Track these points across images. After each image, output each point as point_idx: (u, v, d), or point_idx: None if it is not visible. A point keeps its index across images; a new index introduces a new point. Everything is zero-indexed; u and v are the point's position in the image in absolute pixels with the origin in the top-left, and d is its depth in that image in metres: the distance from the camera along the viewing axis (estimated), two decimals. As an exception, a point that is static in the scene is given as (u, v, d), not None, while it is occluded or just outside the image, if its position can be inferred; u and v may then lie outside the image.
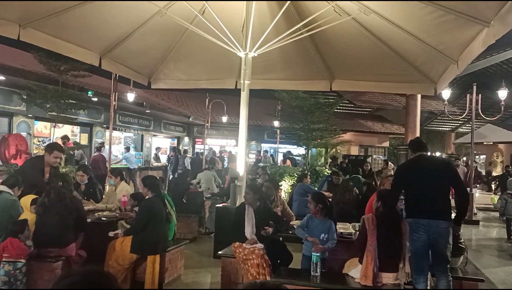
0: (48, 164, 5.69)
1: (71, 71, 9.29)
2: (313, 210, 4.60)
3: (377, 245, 3.95)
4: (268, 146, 24.44)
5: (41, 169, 5.65)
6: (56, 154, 5.68)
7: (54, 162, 5.73)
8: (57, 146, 5.96)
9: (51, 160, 5.65)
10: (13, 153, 8.86)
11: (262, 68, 6.52)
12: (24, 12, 4.79)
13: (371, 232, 4.01)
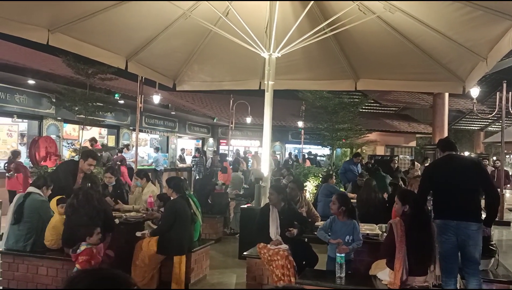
0: (82, 170, 5.76)
1: (98, 74, 9.49)
2: (336, 211, 4.54)
3: (407, 249, 3.83)
4: (292, 147, 24.38)
5: (74, 173, 5.74)
6: (90, 162, 5.75)
7: (88, 169, 5.78)
8: (92, 154, 6.03)
9: (85, 167, 5.72)
10: (43, 155, 9.10)
11: (285, 69, 6.51)
12: (52, 18, 4.92)
13: (399, 239, 3.86)
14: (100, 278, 1.17)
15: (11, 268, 4.91)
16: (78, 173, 5.75)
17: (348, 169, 10.68)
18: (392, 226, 3.98)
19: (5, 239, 5.06)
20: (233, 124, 17.49)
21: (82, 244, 4.43)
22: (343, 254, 4.09)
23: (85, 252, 4.42)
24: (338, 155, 18.01)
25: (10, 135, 12.07)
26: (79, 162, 5.90)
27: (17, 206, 4.99)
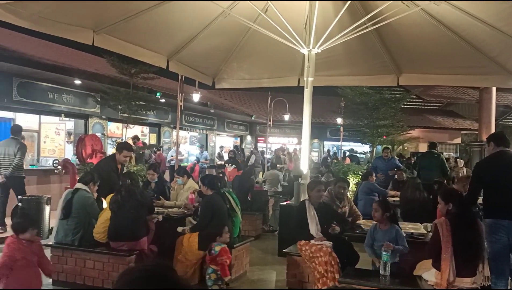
0: (119, 162, 6.08)
1: (141, 74, 9.73)
2: (380, 218, 4.38)
3: (453, 250, 3.69)
4: (330, 144, 24.10)
5: (115, 167, 6.04)
6: (126, 153, 6.06)
7: (124, 160, 6.13)
8: (127, 146, 6.34)
9: (121, 159, 6.05)
10: (89, 152, 9.44)
11: (325, 65, 6.42)
12: (97, 19, 5.08)
13: (445, 239, 3.72)
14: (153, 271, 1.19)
15: (60, 261, 5.12)
16: (117, 165, 6.05)
17: (377, 166, 10.37)
18: (437, 226, 3.85)
19: (55, 233, 5.29)
20: (271, 121, 17.47)
21: (215, 244, 4.42)
22: (389, 252, 3.98)
23: (222, 252, 4.49)
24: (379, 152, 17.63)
25: (58, 133, 12.61)
26: (114, 156, 6.16)
27: (65, 202, 5.20)
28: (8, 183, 7.41)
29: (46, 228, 7.10)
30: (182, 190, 6.89)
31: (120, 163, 6.10)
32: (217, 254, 4.50)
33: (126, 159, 6.17)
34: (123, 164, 6.27)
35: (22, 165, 7.75)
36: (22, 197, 7.15)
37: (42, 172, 10.30)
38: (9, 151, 7.41)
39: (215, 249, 4.49)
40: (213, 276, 4.53)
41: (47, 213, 7.12)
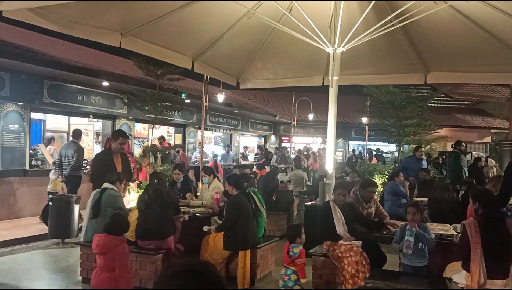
0: (116, 151, 6.05)
1: (166, 75, 9.86)
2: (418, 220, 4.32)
3: (483, 251, 3.60)
4: (355, 144, 23.84)
5: (110, 158, 6.03)
6: (121, 141, 6.05)
7: (120, 148, 6.07)
8: (122, 133, 6.34)
9: (117, 147, 6.02)
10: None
11: (350, 63, 6.35)
12: (124, 21, 5.17)
13: (474, 240, 3.65)
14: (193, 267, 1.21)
15: (89, 259, 5.24)
16: (114, 157, 6.00)
17: (408, 166, 10.12)
18: (466, 226, 3.77)
19: (84, 232, 5.42)
20: (295, 121, 17.41)
21: (293, 246, 4.37)
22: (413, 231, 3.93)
23: (301, 254, 4.49)
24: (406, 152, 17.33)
25: (86, 134, 12.90)
26: (109, 149, 6.15)
27: (94, 201, 5.33)
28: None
29: (76, 227, 7.28)
30: (207, 190, 6.95)
31: (117, 153, 6.02)
32: (297, 256, 4.44)
33: (122, 147, 6.07)
34: (124, 154, 6.21)
35: (80, 166, 8.35)
36: (52, 197, 7.35)
37: (71, 172, 10.56)
38: (68, 153, 8.15)
39: (293, 251, 4.44)
40: (293, 277, 4.51)
41: (76, 212, 7.29)
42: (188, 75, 11.98)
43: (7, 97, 8.94)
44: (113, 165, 5.92)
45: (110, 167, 5.86)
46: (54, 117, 11.76)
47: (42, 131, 11.46)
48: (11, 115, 9.12)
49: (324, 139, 22.98)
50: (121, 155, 6.19)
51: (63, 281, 5.48)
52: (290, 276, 4.46)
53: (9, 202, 9.07)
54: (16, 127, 9.23)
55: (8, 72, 8.85)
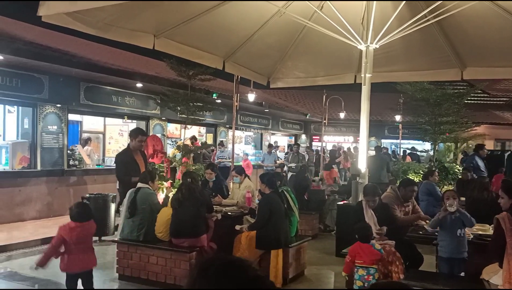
0: (134, 148, 6.08)
1: (198, 76, 9.98)
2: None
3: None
4: (388, 142, 23.40)
5: (130, 156, 6.08)
6: (140, 138, 6.08)
7: (140, 146, 6.10)
8: (141, 131, 6.35)
9: (136, 144, 6.04)
10: (151, 152, 9.80)
11: (383, 60, 6.24)
12: (157, 23, 5.27)
13: (509, 233, 3.56)
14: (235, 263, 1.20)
15: (125, 256, 5.37)
16: (134, 154, 6.04)
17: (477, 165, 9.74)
18: (499, 220, 3.68)
19: (120, 230, 5.55)
20: (326, 120, 17.24)
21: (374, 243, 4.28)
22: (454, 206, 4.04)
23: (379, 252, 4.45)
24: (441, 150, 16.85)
25: (121, 134, 13.23)
26: (128, 147, 6.18)
27: (130, 201, 5.45)
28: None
29: (112, 225, 7.47)
30: (238, 189, 6.99)
31: (136, 150, 6.07)
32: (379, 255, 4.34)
33: (141, 144, 6.09)
34: (143, 153, 6.27)
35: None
36: (89, 195, 7.57)
37: (107, 171, 10.86)
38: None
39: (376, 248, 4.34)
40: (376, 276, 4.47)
41: (112, 211, 7.49)
42: (219, 75, 12.07)
43: (46, 99, 9.27)
44: (134, 163, 6.00)
45: (132, 164, 5.96)
46: (90, 118, 12.11)
47: (79, 132, 11.82)
48: (50, 116, 9.45)
49: (356, 137, 22.71)
50: (141, 152, 6.24)
51: (100, 277, 5.62)
52: (374, 275, 4.36)
53: (49, 201, 9.41)
54: (55, 128, 9.56)
55: (47, 75, 9.19)
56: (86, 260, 4.30)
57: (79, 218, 4.27)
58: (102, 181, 10.54)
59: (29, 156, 9.21)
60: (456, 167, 13.17)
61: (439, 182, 10.71)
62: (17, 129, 9.55)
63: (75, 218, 4.27)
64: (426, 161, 17.22)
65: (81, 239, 4.23)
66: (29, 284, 5.24)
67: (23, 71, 8.71)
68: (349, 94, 17.22)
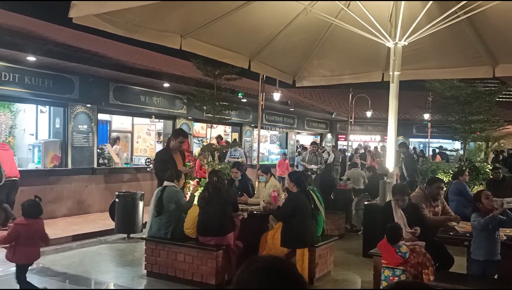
0: (174, 148, 6.24)
1: (224, 75, 10.05)
2: (488, 202, 4.11)
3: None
4: (416, 141, 22.96)
5: (170, 155, 6.21)
6: (181, 139, 6.25)
7: (179, 146, 6.27)
8: (182, 132, 6.53)
9: (176, 145, 6.21)
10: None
11: (411, 58, 6.12)
12: (184, 24, 5.33)
13: None
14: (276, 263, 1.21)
15: (153, 253, 5.46)
16: (173, 154, 6.18)
17: None
18: None
19: (148, 227, 5.65)
20: (353, 118, 17.04)
21: (401, 245, 4.24)
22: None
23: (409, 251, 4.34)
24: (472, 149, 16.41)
25: (148, 133, 13.44)
26: (168, 146, 6.32)
27: (156, 200, 5.54)
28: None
29: (140, 222, 7.61)
30: (264, 188, 6.99)
31: (175, 150, 6.23)
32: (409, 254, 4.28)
33: (181, 145, 6.26)
34: (182, 153, 6.41)
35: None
36: (119, 193, 7.72)
37: (135, 170, 11.07)
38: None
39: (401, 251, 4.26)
40: (403, 277, 4.44)
41: (140, 208, 7.62)
42: (244, 75, 12.12)
43: (77, 99, 9.51)
44: (173, 162, 6.13)
45: (171, 163, 6.08)
46: (118, 118, 12.35)
47: (108, 131, 12.07)
48: (80, 116, 9.69)
49: (383, 136, 22.37)
50: (180, 152, 6.41)
51: (129, 274, 5.74)
52: (400, 276, 4.31)
53: (79, 198, 9.66)
54: (85, 128, 9.80)
55: (77, 76, 9.42)
56: (32, 254, 4.53)
57: (30, 215, 4.48)
58: (130, 180, 10.75)
59: (60, 155, 9.46)
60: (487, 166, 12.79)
61: (469, 182, 10.43)
62: (49, 129, 9.83)
63: (27, 215, 4.48)
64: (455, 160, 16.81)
65: (30, 235, 4.44)
66: (60, 279, 5.39)
67: (54, 72, 8.96)
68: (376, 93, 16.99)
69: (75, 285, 5.29)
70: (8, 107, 9.74)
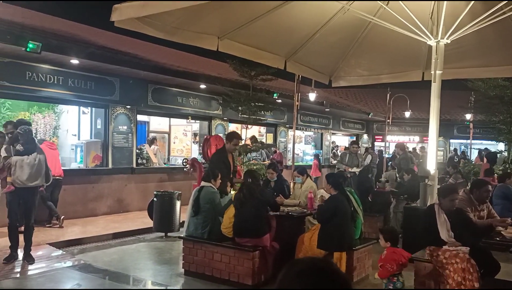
0: (229, 151, 6.53)
1: (260, 76, 10.06)
2: None
3: None
4: (457, 142, 22.21)
5: (225, 158, 6.46)
6: (235, 142, 6.53)
7: (233, 149, 6.63)
8: (236, 135, 6.76)
9: (231, 147, 6.50)
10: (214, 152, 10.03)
11: (453, 56, 5.92)
12: (222, 25, 5.37)
13: None
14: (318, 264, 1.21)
15: (191, 252, 5.53)
16: (228, 156, 6.45)
17: None
18: None
19: (186, 226, 5.73)
20: (390, 119, 16.67)
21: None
22: None
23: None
24: (517, 151, 15.69)
25: (185, 134, 13.65)
26: (224, 148, 6.55)
27: (194, 200, 5.61)
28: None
29: (177, 221, 7.73)
30: (300, 189, 6.95)
31: (230, 152, 6.51)
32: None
33: (236, 148, 6.60)
34: (234, 157, 6.66)
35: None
36: (157, 193, 7.87)
37: (172, 170, 11.26)
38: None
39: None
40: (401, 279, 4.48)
41: (178, 208, 7.74)
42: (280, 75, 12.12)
43: (117, 101, 9.78)
44: (228, 162, 6.42)
45: (225, 164, 6.35)
46: (156, 119, 12.60)
47: (146, 132, 12.34)
48: (121, 117, 9.96)
49: (422, 137, 21.75)
50: (232, 154, 6.72)
51: (167, 272, 5.84)
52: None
53: (119, 197, 9.92)
54: (125, 129, 10.06)
55: (118, 78, 9.69)
56: None
57: None
58: (167, 179, 10.95)
59: (101, 154, 9.76)
60: (534, 169, 12.22)
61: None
62: (90, 129, 10.17)
63: None
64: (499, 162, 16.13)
65: None
66: (101, 276, 5.54)
67: (96, 74, 9.25)
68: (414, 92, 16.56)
69: (115, 281, 5.42)
70: (52, 109, 10.14)
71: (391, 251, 4.54)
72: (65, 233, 7.59)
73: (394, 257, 4.46)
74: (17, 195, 5.65)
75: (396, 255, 4.48)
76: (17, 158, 5.56)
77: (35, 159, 5.63)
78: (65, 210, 8.33)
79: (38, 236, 6.40)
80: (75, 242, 7.16)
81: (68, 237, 7.34)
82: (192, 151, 13.13)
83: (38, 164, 5.67)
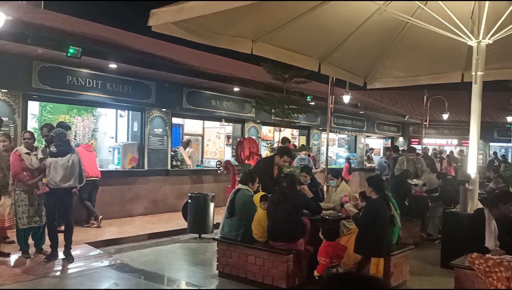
0: (277, 164, 6.37)
1: (293, 78, 10.03)
2: None
3: None
4: (498, 146, 21.41)
5: (270, 169, 6.34)
6: (285, 159, 6.37)
7: (283, 165, 6.46)
8: (288, 152, 6.59)
9: (280, 162, 6.35)
10: (247, 154, 10.08)
11: (495, 56, 5.73)
12: (256, 29, 5.40)
13: None
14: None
15: (225, 254, 5.56)
16: (274, 167, 6.34)
17: None
18: None
19: (221, 228, 5.77)
20: (427, 121, 16.26)
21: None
22: None
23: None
24: None
25: (218, 137, 13.76)
26: (274, 157, 6.45)
27: (229, 202, 5.64)
28: None
29: (211, 223, 7.79)
30: (334, 193, 6.86)
31: (277, 166, 6.38)
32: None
33: (285, 164, 6.49)
34: (280, 168, 6.52)
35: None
36: (191, 194, 7.97)
37: (205, 172, 11.38)
38: None
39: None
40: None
41: (211, 210, 7.80)
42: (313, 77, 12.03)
43: (153, 104, 9.98)
44: (271, 172, 6.34)
45: (269, 173, 6.30)
46: (190, 122, 12.78)
47: (180, 135, 12.53)
48: (156, 120, 10.16)
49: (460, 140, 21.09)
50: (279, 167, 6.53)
51: (201, 273, 5.89)
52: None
53: (154, 198, 10.11)
54: (160, 131, 10.25)
55: (154, 82, 9.89)
56: None
57: None
58: (200, 181, 11.07)
59: (137, 156, 9.98)
60: None
61: None
62: (127, 132, 10.41)
63: None
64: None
65: None
66: (137, 275, 5.64)
67: (133, 78, 9.47)
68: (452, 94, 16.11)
69: (151, 281, 5.52)
70: (91, 112, 10.45)
71: (324, 245, 4.93)
72: (103, 233, 7.79)
73: (327, 251, 4.85)
74: (52, 196, 5.79)
75: (329, 248, 4.87)
76: (51, 160, 5.69)
77: (69, 161, 5.73)
78: (102, 210, 8.56)
79: (77, 235, 6.59)
80: (112, 242, 7.33)
81: (106, 237, 7.52)
82: (225, 154, 13.22)
83: (72, 165, 5.75)
